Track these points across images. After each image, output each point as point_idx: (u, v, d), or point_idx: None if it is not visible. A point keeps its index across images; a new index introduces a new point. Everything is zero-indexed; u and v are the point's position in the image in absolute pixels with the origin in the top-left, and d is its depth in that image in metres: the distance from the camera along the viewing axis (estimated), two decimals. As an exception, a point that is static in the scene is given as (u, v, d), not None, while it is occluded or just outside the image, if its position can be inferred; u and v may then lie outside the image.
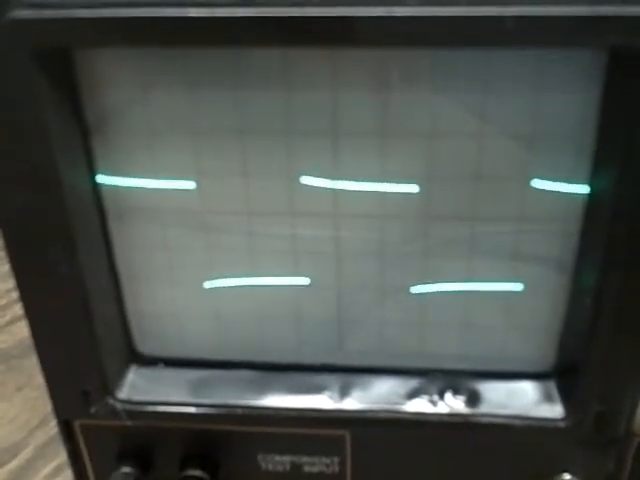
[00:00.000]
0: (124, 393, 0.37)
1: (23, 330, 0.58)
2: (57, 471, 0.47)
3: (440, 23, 0.27)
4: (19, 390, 0.53)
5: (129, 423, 0.38)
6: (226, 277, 0.36)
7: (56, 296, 0.34)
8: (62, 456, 0.48)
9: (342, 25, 0.27)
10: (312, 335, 0.38)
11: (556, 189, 0.33)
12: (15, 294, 0.61)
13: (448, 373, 0.38)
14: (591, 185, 0.32)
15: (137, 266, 0.36)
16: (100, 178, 0.33)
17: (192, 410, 0.37)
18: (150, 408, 0.37)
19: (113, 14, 0.27)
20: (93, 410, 0.37)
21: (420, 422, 0.37)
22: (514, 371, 0.37)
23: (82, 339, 0.35)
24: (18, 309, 0.60)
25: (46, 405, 0.51)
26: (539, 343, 0.37)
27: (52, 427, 0.50)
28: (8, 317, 0.59)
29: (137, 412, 0.37)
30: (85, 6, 0.27)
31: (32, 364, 0.55)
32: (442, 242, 0.35)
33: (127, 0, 0.27)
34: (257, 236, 0.35)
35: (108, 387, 0.37)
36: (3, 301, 0.61)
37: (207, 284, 0.36)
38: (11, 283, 0.62)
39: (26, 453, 0.48)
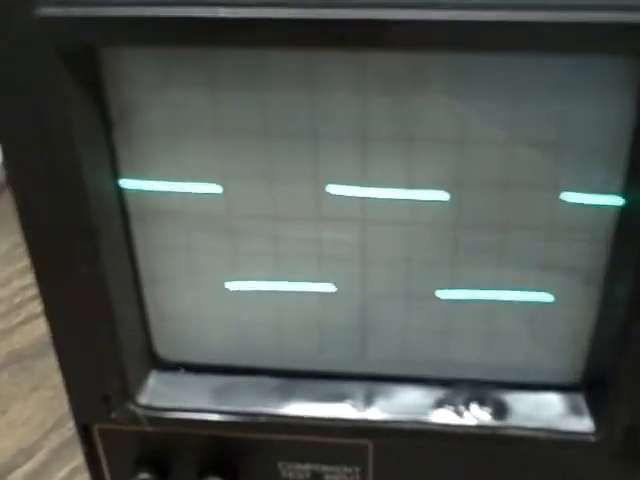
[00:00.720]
0: (145, 399, 0.37)
1: (37, 329, 0.58)
2: (73, 474, 0.47)
3: (475, 28, 0.26)
4: (34, 390, 0.52)
5: (149, 429, 0.37)
6: (249, 282, 0.36)
7: (78, 298, 0.33)
8: (78, 459, 0.47)
9: (374, 28, 0.26)
10: (335, 342, 0.37)
11: (587, 200, 0.32)
12: (30, 292, 0.61)
13: (474, 383, 0.37)
14: (625, 196, 0.31)
15: (159, 269, 0.36)
16: (123, 180, 0.33)
17: (213, 417, 0.37)
18: (171, 414, 0.37)
19: (143, 12, 0.26)
20: (114, 415, 0.37)
21: (445, 433, 0.36)
22: (541, 382, 0.37)
23: (104, 343, 0.35)
24: (32, 308, 0.60)
25: (61, 406, 0.51)
26: (567, 354, 0.36)
27: (68, 429, 0.50)
28: (22, 316, 0.59)
29: (158, 418, 0.37)
30: (114, 4, 0.26)
31: (47, 364, 0.55)
32: (470, 250, 0.34)
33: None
34: (282, 241, 0.34)
35: (129, 392, 0.36)
36: (17, 299, 0.60)
37: (230, 288, 0.36)
38: (26, 280, 0.62)
39: (41, 455, 0.48)
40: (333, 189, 0.33)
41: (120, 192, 0.33)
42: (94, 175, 0.31)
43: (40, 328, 0.57)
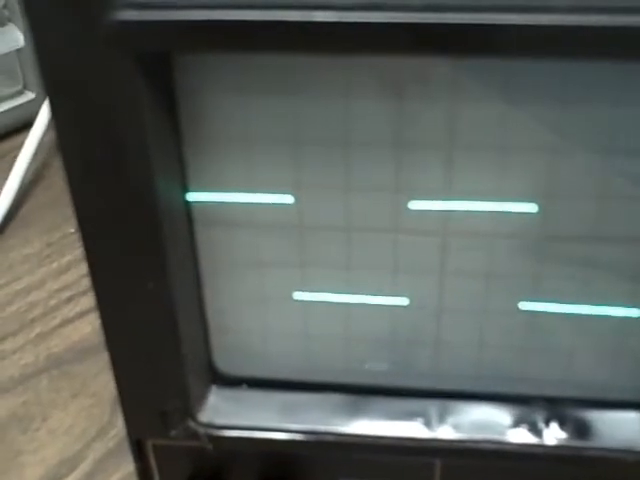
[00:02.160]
0: (206, 416, 0.35)
1: (74, 333, 0.56)
2: (119, 486, 0.45)
3: (588, 33, 0.24)
4: (74, 397, 0.51)
5: (209, 447, 0.35)
6: (319, 294, 0.34)
7: (141, 313, 0.32)
8: (122, 470, 0.46)
9: (479, 33, 0.24)
10: (407, 357, 0.35)
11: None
12: (65, 294, 0.59)
13: (553, 401, 0.35)
14: None
15: (224, 281, 0.34)
16: (192, 192, 0.31)
17: (278, 436, 0.35)
18: (233, 433, 0.35)
19: (230, 16, 0.24)
20: (173, 433, 0.35)
21: (523, 454, 0.34)
22: (624, 400, 0.35)
23: (166, 358, 0.33)
24: (67, 311, 0.58)
25: (102, 415, 0.50)
26: (653, 371, 0.34)
27: (111, 438, 0.48)
28: (58, 319, 0.57)
29: (219, 436, 0.35)
30: (198, 7, 0.24)
31: (86, 369, 0.53)
32: (555, 263, 0.32)
33: (243, 1, 0.24)
34: (356, 253, 0.33)
35: (189, 409, 0.35)
36: (52, 302, 0.59)
37: (298, 301, 0.34)
38: (60, 283, 0.61)
39: (84, 467, 0.46)
40: (414, 201, 0.31)
41: (187, 202, 0.31)
42: (165, 186, 0.29)
43: (77, 332, 0.56)
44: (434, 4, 0.24)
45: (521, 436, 0.34)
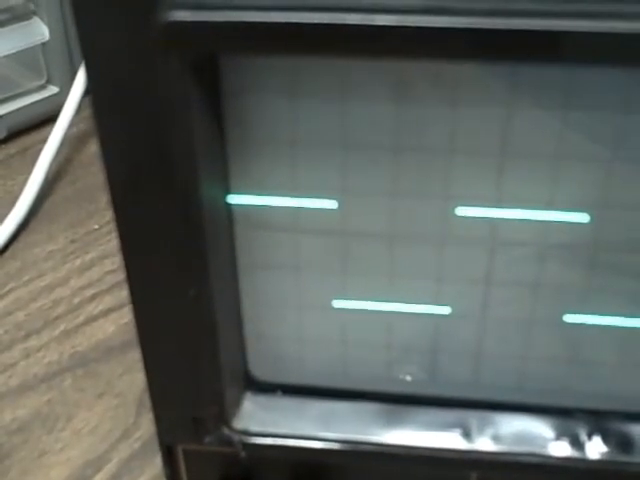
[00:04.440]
0: (241, 423, 0.35)
1: (99, 331, 0.55)
2: (145, 488, 0.45)
3: None
4: (99, 397, 0.50)
5: (243, 454, 0.35)
6: (359, 302, 0.33)
7: (180, 319, 0.31)
8: (150, 471, 0.45)
9: (542, 39, 0.23)
10: (448, 367, 0.35)
11: None
12: (89, 292, 0.59)
13: (595, 414, 0.34)
14: None
15: (262, 286, 0.33)
16: (235, 194, 0.30)
17: (312, 445, 0.34)
18: (267, 440, 0.35)
19: (285, 19, 0.24)
20: (207, 440, 0.34)
21: (564, 468, 0.34)
22: (669, 414, 0.34)
23: (203, 365, 0.32)
24: (92, 309, 0.57)
25: (127, 415, 0.49)
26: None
27: (136, 439, 0.47)
28: (82, 318, 0.56)
29: (253, 444, 0.35)
30: (252, 8, 0.24)
31: (111, 369, 0.53)
32: (604, 273, 0.31)
33: (301, 3, 0.24)
34: (399, 260, 0.32)
35: (224, 416, 0.34)
36: (76, 299, 0.58)
37: (337, 308, 0.33)
38: (84, 280, 0.60)
39: (110, 468, 0.46)
40: (463, 209, 0.30)
41: (229, 207, 0.31)
42: (210, 189, 0.28)
43: (101, 330, 0.55)
44: (498, 9, 0.23)
45: (562, 449, 0.34)
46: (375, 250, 0.32)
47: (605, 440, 0.34)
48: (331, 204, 0.31)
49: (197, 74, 0.26)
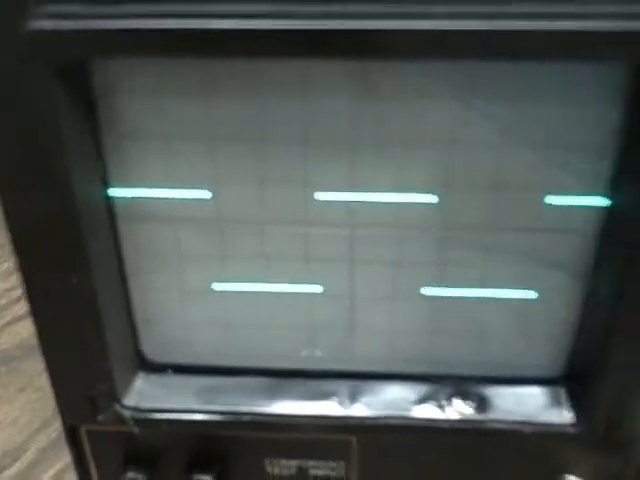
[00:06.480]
0: (132, 400, 0.37)
1: (23, 331, 0.57)
2: (59, 475, 0.47)
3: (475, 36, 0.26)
4: (21, 392, 0.52)
5: (136, 430, 0.37)
6: (236, 283, 0.36)
7: (66, 304, 0.34)
8: (64, 460, 0.47)
9: (377, 38, 0.27)
10: (322, 342, 0.37)
11: (574, 201, 0.33)
12: (15, 293, 0.61)
13: (457, 379, 0.38)
14: (611, 197, 0.32)
15: (146, 272, 0.36)
16: (113, 188, 0.33)
17: (201, 417, 0.37)
18: (158, 415, 0.37)
19: (136, 25, 0.26)
20: (100, 417, 0.37)
21: (428, 428, 0.37)
22: (523, 377, 0.37)
23: (91, 346, 0.35)
24: (18, 309, 0.59)
25: (47, 408, 0.51)
26: (550, 349, 0.37)
27: (54, 430, 0.50)
28: (8, 317, 0.58)
29: (145, 419, 0.37)
30: (107, 17, 0.27)
31: (33, 365, 0.54)
32: (457, 250, 0.34)
33: (150, 11, 0.26)
34: (270, 244, 0.35)
35: (116, 394, 0.37)
36: (3, 301, 0.60)
37: (217, 291, 0.36)
38: (10, 282, 0.62)
39: (27, 456, 0.48)
40: (321, 193, 0.33)
41: (109, 199, 0.33)
42: (84, 183, 0.31)
43: (26, 329, 0.57)
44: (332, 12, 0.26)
45: (427, 411, 0.37)
46: (248, 235, 0.35)
47: (465, 401, 0.37)
48: (205, 194, 0.33)
49: (65, 77, 0.28)
